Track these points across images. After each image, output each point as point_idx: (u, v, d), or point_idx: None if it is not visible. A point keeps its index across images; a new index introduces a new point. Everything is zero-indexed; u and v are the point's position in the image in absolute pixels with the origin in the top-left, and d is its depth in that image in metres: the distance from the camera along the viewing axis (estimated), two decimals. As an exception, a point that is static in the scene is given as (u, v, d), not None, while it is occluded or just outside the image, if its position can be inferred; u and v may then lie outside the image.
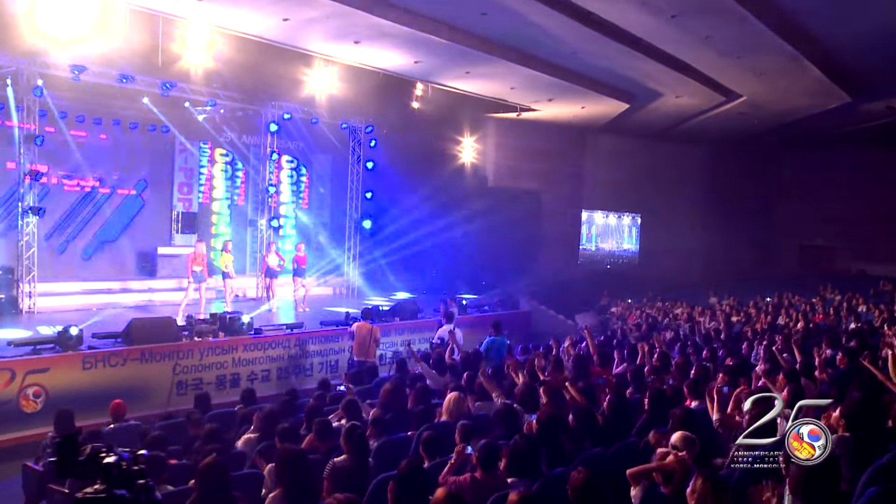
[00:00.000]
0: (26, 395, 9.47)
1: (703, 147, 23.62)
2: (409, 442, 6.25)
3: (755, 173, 23.90)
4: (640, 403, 6.72)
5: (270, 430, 6.26)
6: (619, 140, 23.13)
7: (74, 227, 16.72)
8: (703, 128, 21.81)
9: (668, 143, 23.23)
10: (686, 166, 23.53)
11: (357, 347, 11.48)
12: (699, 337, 12.60)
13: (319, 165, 21.56)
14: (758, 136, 22.50)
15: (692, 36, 14.35)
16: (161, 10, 12.53)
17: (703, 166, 23.76)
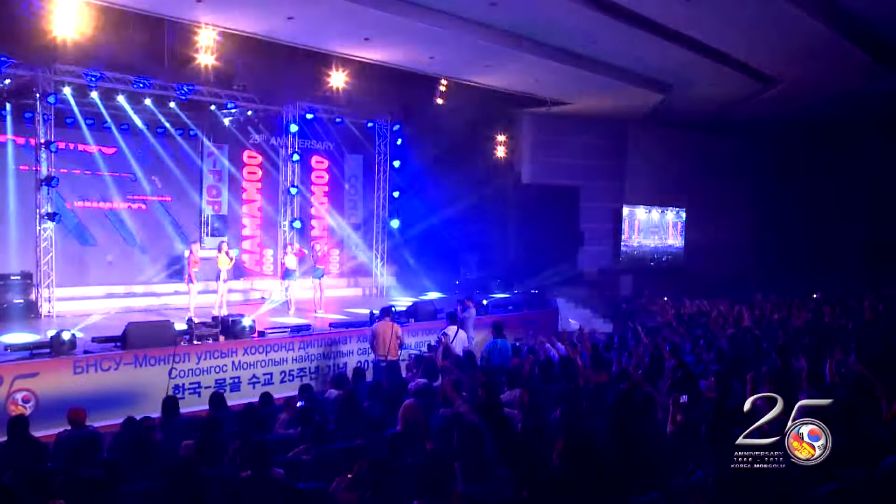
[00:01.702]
0: (15, 400, 9.48)
1: (750, 137, 22.58)
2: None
3: (804, 163, 22.70)
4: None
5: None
6: (661, 132, 22.31)
7: (103, 231, 16.94)
8: (747, 117, 20.88)
9: (712, 133, 22.31)
10: (732, 157, 22.55)
11: (379, 345, 11.29)
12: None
13: (350, 166, 21.42)
14: (806, 124, 21.40)
15: (715, 16, 13.70)
16: (165, 13, 12.53)
17: (751, 157, 22.72)
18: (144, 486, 5.05)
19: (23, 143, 14.84)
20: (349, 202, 21.51)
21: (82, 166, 16.42)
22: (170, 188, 17.97)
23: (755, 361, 9.35)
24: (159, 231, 17.68)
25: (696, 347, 10.28)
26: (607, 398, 6.70)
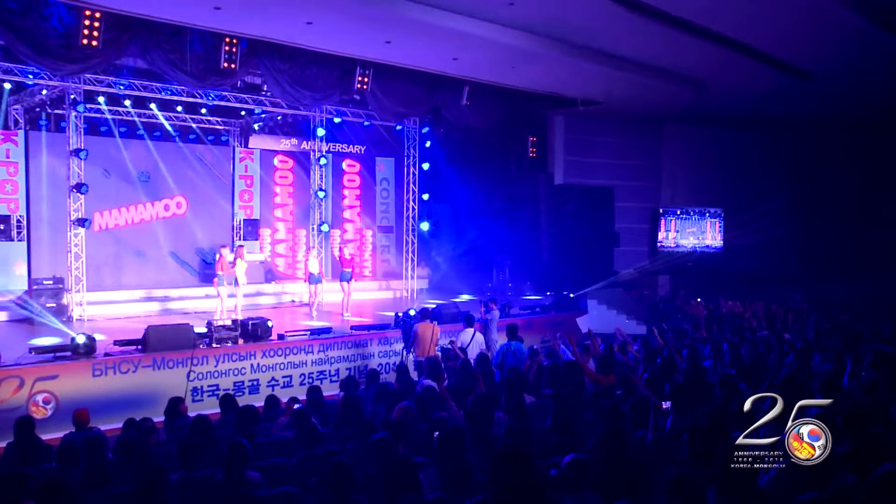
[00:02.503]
0: (36, 402, 9.72)
1: (790, 134, 21.95)
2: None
3: (846, 159, 21.97)
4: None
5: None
6: (696, 130, 21.81)
7: (136, 236, 17.29)
8: (785, 113, 20.31)
9: (749, 131, 21.72)
10: (771, 155, 21.90)
11: (420, 346, 11.40)
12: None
13: (382, 169, 21.50)
14: (846, 120, 20.75)
15: (745, 11, 13.38)
16: (185, 21, 12.69)
17: (790, 154, 22.07)
18: (120, 490, 5.09)
19: (59, 151, 15.21)
20: (381, 205, 21.60)
21: (116, 172, 16.80)
22: (202, 193, 18.27)
23: (776, 365, 9.11)
24: (192, 235, 17.96)
25: (717, 350, 9.98)
26: (603, 402, 6.55)
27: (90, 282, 15.05)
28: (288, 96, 15.60)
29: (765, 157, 21.90)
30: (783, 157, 22.01)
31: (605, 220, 21.79)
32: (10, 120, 15.69)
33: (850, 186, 22.23)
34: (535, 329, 15.30)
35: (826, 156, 21.90)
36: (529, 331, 15.13)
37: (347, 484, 4.45)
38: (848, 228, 22.18)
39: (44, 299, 13.69)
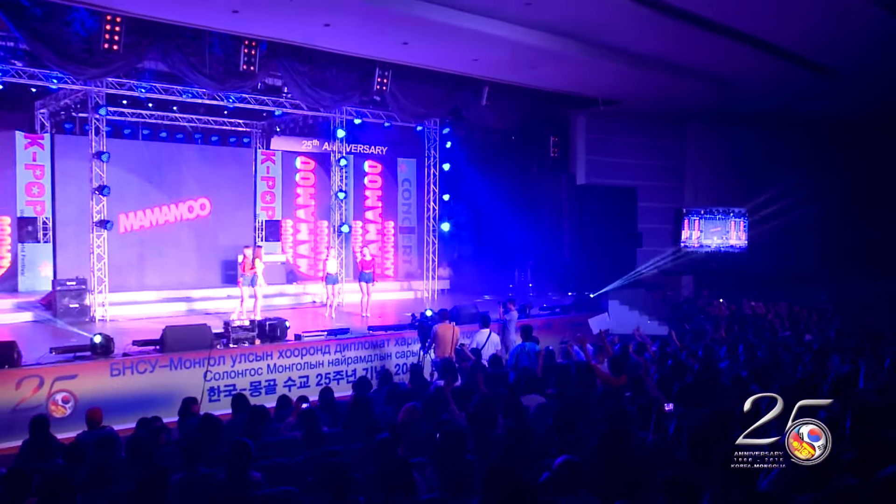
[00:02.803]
0: (55, 401, 9.87)
1: (815, 133, 21.61)
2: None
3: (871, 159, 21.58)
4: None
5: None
6: (721, 130, 21.59)
7: (160, 238, 17.50)
8: (811, 112, 20.03)
9: (774, 130, 21.46)
10: (796, 154, 21.58)
11: (440, 347, 11.44)
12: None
13: (403, 170, 21.57)
14: (872, 119, 20.40)
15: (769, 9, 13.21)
16: (203, 24, 12.83)
17: (816, 154, 21.71)
18: (122, 489, 5.15)
19: (84, 154, 15.44)
20: (403, 206, 21.66)
21: (140, 174, 17.03)
22: (224, 194, 18.45)
23: (792, 367, 8.99)
24: (214, 236, 18.13)
25: (733, 351, 9.87)
26: (608, 403, 6.51)
27: (115, 282, 15.28)
28: (308, 98, 15.70)
29: (789, 156, 21.62)
30: (808, 156, 21.69)
31: (628, 221, 21.63)
32: (36, 124, 15.95)
33: (874, 186, 21.87)
34: (554, 330, 15.23)
35: (851, 155, 21.54)
36: (548, 331, 15.08)
37: (342, 484, 4.46)
38: (873, 228, 21.79)
39: (67, 300, 13.90)
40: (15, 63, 13.50)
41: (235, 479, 5.22)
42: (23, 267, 15.64)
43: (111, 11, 12.12)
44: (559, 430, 5.57)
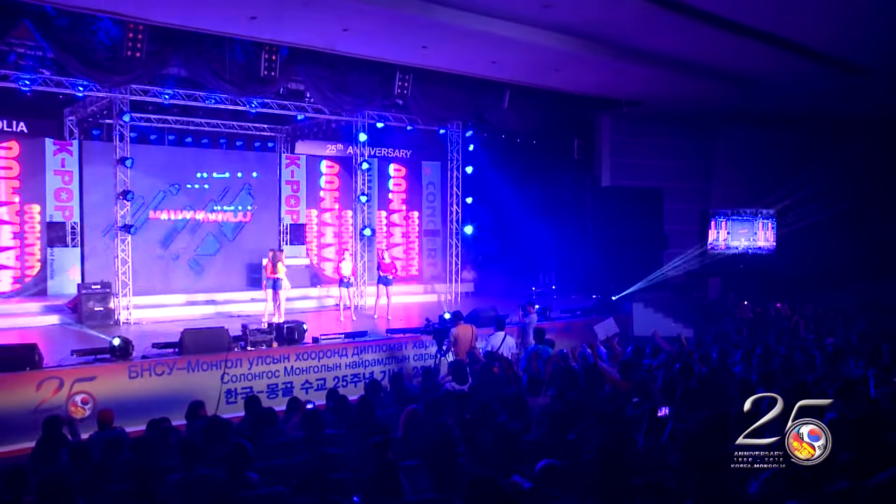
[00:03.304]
0: (75, 402, 10.06)
1: (845, 133, 21.20)
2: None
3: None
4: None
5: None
6: (748, 131, 21.29)
7: (184, 242, 17.76)
8: (840, 112, 19.67)
9: (803, 130, 21.11)
10: (827, 155, 21.19)
11: (459, 349, 11.53)
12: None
13: (428, 173, 21.64)
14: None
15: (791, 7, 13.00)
16: (223, 30, 12.99)
17: (846, 154, 21.31)
18: (120, 488, 5.25)
19: (111, 159, 15.73)
20: (427, 208, 21.73)
21: (166, 179, 17.31)
22: (249, 199, 18.64)
23: (804, 370, 8.86)
24: (240, 240, 18.33)
25: (748, 354, 9.73)
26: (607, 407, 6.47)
27: (141, 286, 15.58)
28: (329, 102, 15.84)
29: (818, 156, 21.22)
30: (837, 157, 21.27)
31: (654, 222, 21.46)
32: (65, 131, 16.30)
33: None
34: (574, 333, 15.16)
35: (881, 155, 21.10)
36: (568, 334, 15.03)
37: (325, 485, 4.51)
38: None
39: (92, 303, 14.17)
40: (43, 72, 13.80)
41: (232, 479, 5.30)
42: (52, 271, 15.97)
43: (134, 20, 12.34)
44: (554, 432, 5.55)
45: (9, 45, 13.07)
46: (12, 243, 15.86)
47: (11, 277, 15.84)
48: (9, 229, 15.83)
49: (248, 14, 12.08)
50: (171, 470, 5.73)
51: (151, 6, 11.75)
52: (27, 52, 13.38)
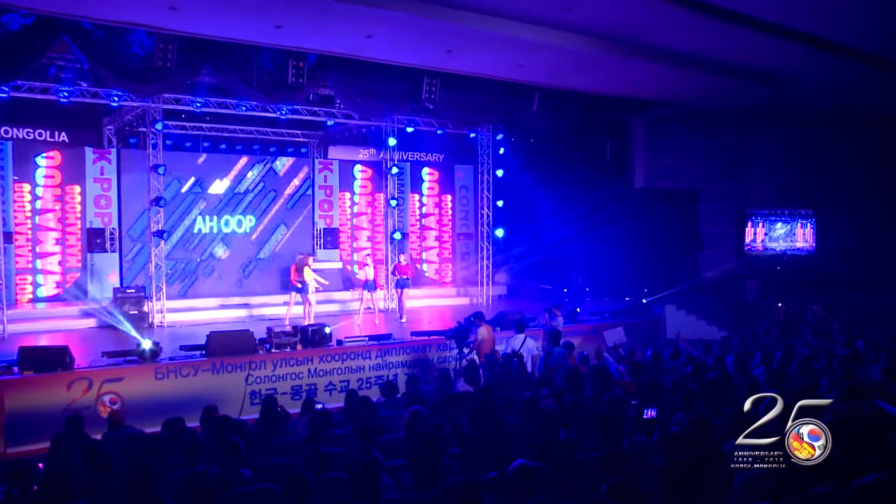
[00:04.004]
0: (104, 402, 10.40)
1: (887, 130, 20.70)
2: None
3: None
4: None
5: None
6: (785, 130, 20.87)
7: (221, 246, 18.13)
8: (881, 108, 19.21)
9: (842, 128, 20.64)
10: (867, 153, 20.72)
11: (484, 350, 11.75)
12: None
13: (460, 177, 21.74)
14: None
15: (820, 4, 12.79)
16: (249, 39, 13.28)
17: (888, 152, 20.80)
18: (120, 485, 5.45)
19: (146, 167, 16.20)
20: (460, 212, 21.82)
21: (200, 185, 17.72)
22: (283, 203, 18.96)
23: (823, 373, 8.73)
24: (273, 245, 18.65)
25: (767, 357, 9.60)
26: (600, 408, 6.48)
27: (176, 290, 15.98)
28: (358, 108, 16.07)
29: (859, 154, 20.75)
30: (878, 155, 20.79)
31: (689, 224, 21.25)
32: (104, 139, 16.80)
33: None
34: (601, 335, 15.08)
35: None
36: (595, 337, 14.96)
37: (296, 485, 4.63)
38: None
39: (127, 307, 14.59)
40: (81, 83, 14.28)
41: (226, 475, 5.47)
42: (92, 275, 16.46)
43: (165, 31, 12.72)
44: (544, 432, 5.60)
45: (49, 59, 13.58)
46: (55, 249, 16.37)
47: (54, 282, 16.36)
48: (52, 236, 16.35)
49: (274, 23, 12.34)
50: (176, 467, 5.95)
51: (181, 18, 12.04)
52: (66, 65, 13.89)
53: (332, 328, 12.81)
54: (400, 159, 19.91)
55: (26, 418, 9.90)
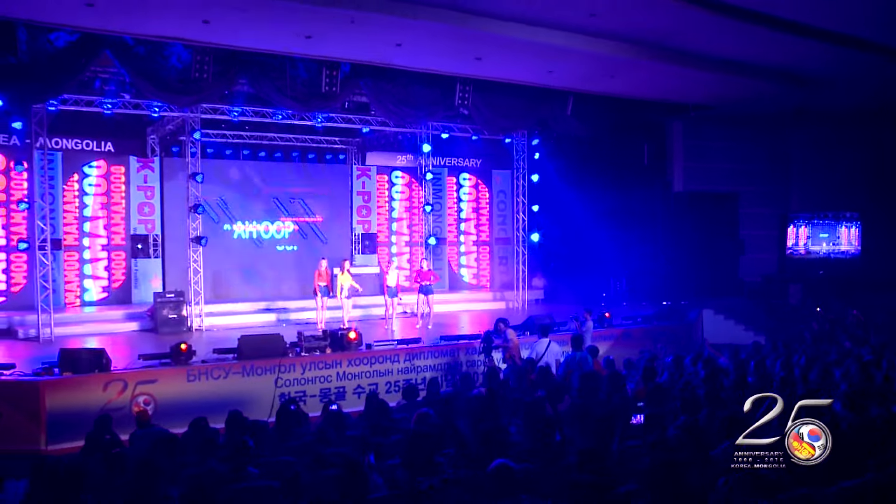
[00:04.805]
0: (138, 403, 10.77)
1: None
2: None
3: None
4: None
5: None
6: (827, 131, 20.46)
7: (256, 252, 18.55)
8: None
9: (886, 129, 20.18)
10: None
11: (512, 353, 11.96)
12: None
13: (498, 182, 21.84)
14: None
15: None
16: (280, 50, 13.62)
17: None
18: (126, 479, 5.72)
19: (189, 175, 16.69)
20: (498, 217, 21.94)
21: (240, 192, 18.17)
22: (322, 209, 19.31)
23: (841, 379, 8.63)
24: (311, 250, 18.96)
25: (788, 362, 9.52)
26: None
27: (216, 294, 16.44)
28: (392, 115, 16.29)
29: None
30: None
31: (730, 227, 21.02)
32: (147, 149, 17.37)
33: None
34: (633, 340, 15.07)
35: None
36: (628, 341, 14.96)
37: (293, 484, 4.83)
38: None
39: (166, 311, 15.05)
40: (123, 95, 14.81)
41: (233, 473, 5.70)
42: (136, 280, 17.03)
43: (201, 44, 13.15)
44: (536, 434, 5.70)
45: (93, 73, 14.12)
46: (101, 255, 16.96)
47: (100, 287, 16.95)
48: (98, 242, 16.95)
49: (303, 34, 12.67)
50: (190, 464, 6.23)
51: (214, 31, 12.46)
52: (110, 78, 14.42)
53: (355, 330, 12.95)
54: (437, 165, 20.12)
55: (65, 417, 10.34)
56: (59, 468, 5.25)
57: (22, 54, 12.26)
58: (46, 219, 14.49)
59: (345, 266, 15.56)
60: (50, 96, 13.81)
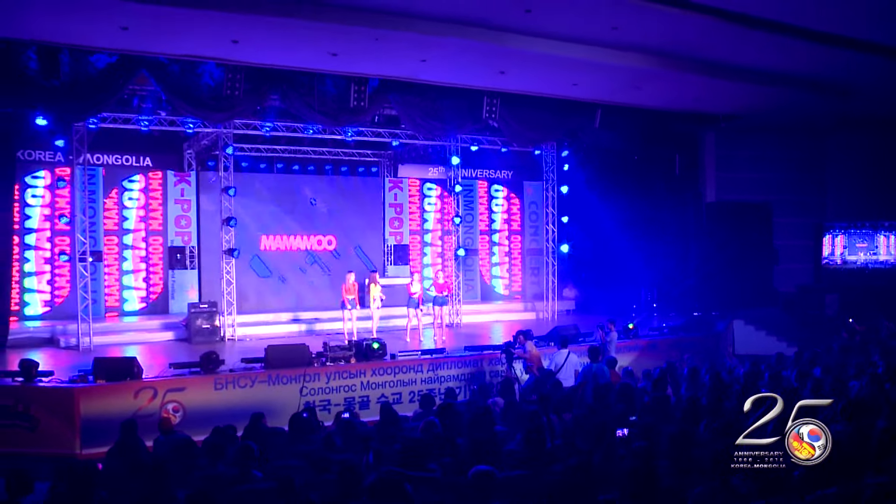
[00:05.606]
0: (167, 410, 11.16)
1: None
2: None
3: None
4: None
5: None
6: (863, 139, 20.14)
7: (289, 264, 18.96)
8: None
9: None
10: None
11: (536, 363, 12.16)
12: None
13: (529, 193, 21.98)
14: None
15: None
16: (306, 67, 13.99)
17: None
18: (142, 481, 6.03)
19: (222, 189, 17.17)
20: (529, 228, 22.06)
21: (275, 205, 18.61)
22: (354, 221, 19.66)
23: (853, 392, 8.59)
24: (344, 262, 19.31)
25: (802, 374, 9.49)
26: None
27: (250, 305, 16.86)
28: (421, 129, 16.55)
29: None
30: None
31: (763, 237, 20.76)
32: (184, 163, 17.94)
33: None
34: (659, 351, 15.06)
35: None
36: (653, 352, 14.95)
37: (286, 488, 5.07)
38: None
39: (200, 321, 15.50)
40: (160, 112, 15.36)
41: (238, 475, 5.97)
42: (173, 291, 17.56)
43: (232, 62, 13.59)
44: (528, 442, 5.85)
45: (131, 91, 14.66)
46: (140, 267, 17.54)
47: (138, 297, 17.52)
48: (137, 254, 17.53)
49: (329, 51, 13.01)
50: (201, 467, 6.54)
51: (243, 50, 12.89)
52: (147, 96, 14.96)
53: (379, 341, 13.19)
54: (468, 176, 20.35)
55: (98, 422, 10.75)
56: (77, 468, 5.59)
57: (65, 76, 12.83)
58: (86, 231, 15.06)
59: (375, 277, 15.83)
60: (90, 115, 14.37)
